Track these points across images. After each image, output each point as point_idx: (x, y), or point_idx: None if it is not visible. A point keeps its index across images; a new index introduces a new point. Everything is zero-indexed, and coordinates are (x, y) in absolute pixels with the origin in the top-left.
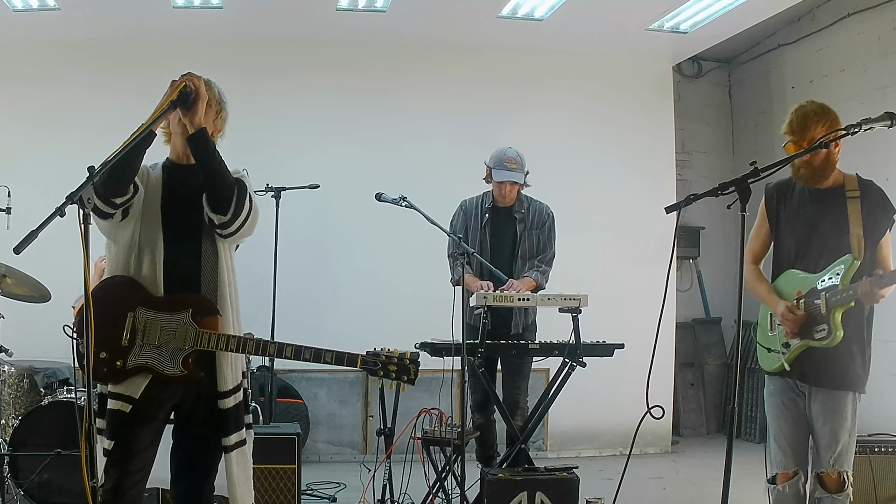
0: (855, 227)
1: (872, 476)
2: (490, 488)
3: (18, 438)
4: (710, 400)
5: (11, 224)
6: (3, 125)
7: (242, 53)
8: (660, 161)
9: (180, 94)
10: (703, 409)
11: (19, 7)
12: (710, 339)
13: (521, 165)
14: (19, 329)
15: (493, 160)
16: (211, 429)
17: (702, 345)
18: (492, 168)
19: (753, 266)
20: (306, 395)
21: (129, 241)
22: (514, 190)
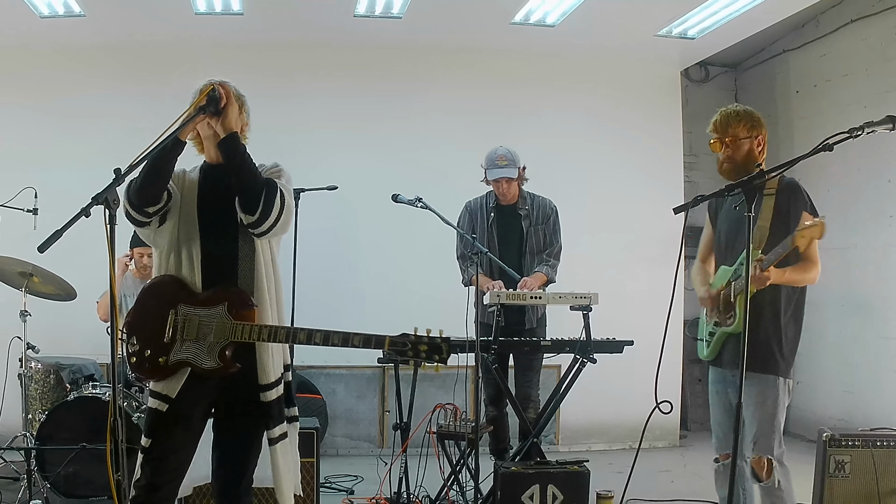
0: (763, 220)
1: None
2: (503, 481)
3: (45, 433)
4: None
5: (38, 224)
6: (31, 128)
7: (263, 58)
8: (668, 163)
9: (208, 99)
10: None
11: (46, 13)
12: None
13: (514, 161)
14: (46, 326)
15: (485, 161)
16: (253, 422)
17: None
18: (486, 169)
19: (700, 264)
20: (325, 390)
21: (168, 242)
22: (513, 186)
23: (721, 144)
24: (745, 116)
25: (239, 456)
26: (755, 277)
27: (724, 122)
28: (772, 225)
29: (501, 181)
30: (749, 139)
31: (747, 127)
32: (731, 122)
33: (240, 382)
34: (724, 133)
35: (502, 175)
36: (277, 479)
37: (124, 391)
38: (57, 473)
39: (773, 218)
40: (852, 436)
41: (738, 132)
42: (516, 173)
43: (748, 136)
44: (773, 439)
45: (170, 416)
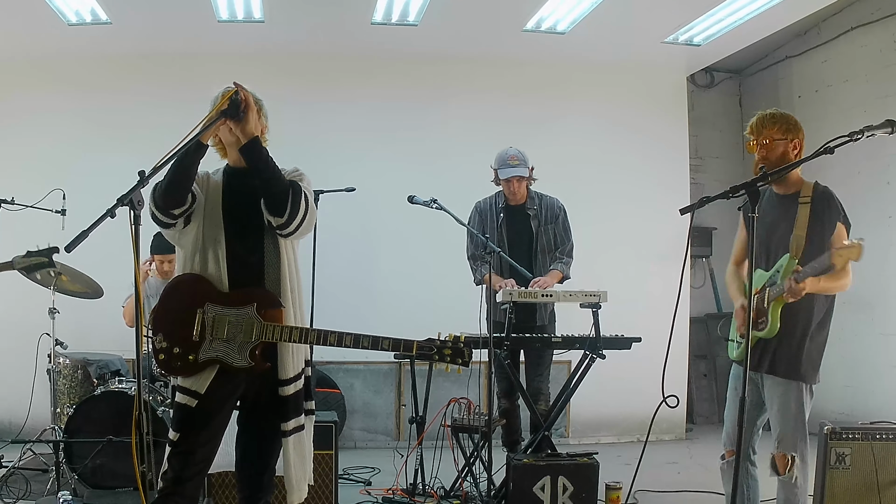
0: (799, 228)
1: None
2: (515, 473)
3: (73, 426)
4: (722, 390)
5: (66, 225)
6: (59, 132)
7: (283, 64)
8: (675, 165)
9: (230, 103)
10: (715, 398)
11: (73, 21)
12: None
13: (524, 161)
14: (74, 323)
15: (496, 162)
16: (272, 415)
17: (714, 338)
18: (497, 169)
19: (733, 266)
20: (343, 385)
21: (193, 242)
22: (523, 186)
23: (756, 146)
24: (780, 119)
25: (261, 448)
26: (792, 289)
27: (760, 124)
28: (808, 233)
29: (512, 180)
30: (784, 141)
31: (782, 129)
32: (766, 124)
33: (262, 378)
34: (759, 135)
35: (514, 174)
36: (287, 471)
37: (149, 386)
38: (84, 465)
39: (808, 226)
40: (852, 429)
41: (772, 134)
42: (527, 172)
43: (783, 138)
44: (797, 438)
45: (198, 412)
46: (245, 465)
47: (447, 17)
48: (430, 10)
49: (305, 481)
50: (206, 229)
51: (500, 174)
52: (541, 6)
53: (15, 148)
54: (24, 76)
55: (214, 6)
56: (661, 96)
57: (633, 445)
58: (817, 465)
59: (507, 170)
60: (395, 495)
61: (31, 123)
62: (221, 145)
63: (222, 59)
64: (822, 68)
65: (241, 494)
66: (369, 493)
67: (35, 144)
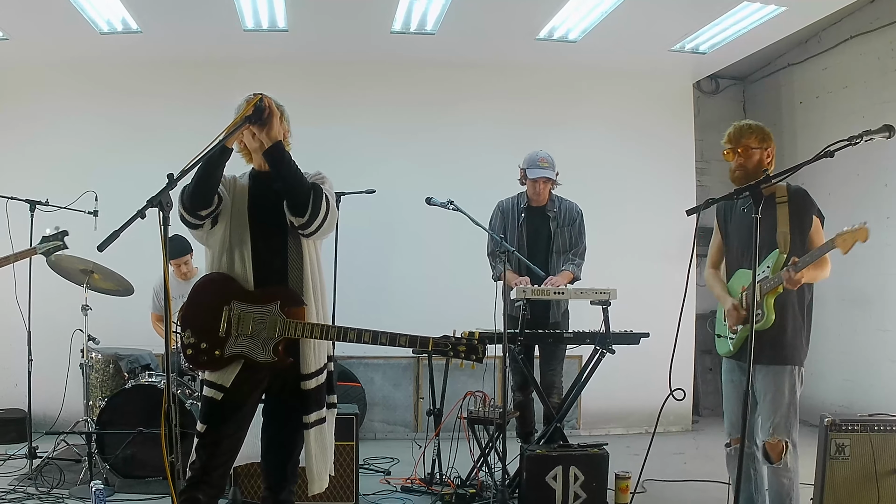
0: (782, 226)
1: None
2: (529, 463)
3: (104, 418)
4: None
5: (98, 225)
6: (92, 135)
7: (306, 71)
8: (681, 168)
9: (255, 109)
10: (720, 391)
11: (105, 30)
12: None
13: (552, 165)
14: (105, 319)
15: (526, 162)
16: (295, 408)
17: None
18: (525, 169)
19: (712, 270)
20: (363, 379)
21: (220, 243)
22: (547, 188)
23: (734, 154)
24: (757, 129)
25: (285, 440)
26: (790, 279)
27: (738, 133)
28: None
29: (539, 181)
30: (759, 150)
31: (758, 139)
32: (744, 133)
33: (285, 372)
34: (737, 144)
35: (542, 175)
36: (308, 462)
37: (178, 380)
38: (115, 456)
39: (790, 223)
40: (852, 421)
41: (749, 143)
42: (553, 175)
43: (759, 147)
44: (791, 424)
45: (224, 404)
46: (269, 455)
47: (464, 26)
48: (448, 19)
49: (326, 472)
50: (232, 230)
51: (528, 174)
52: (553, 16)
53: (50, 151)
54: (59, 82)
55: (240, 16)
56: (669, 102)
57: (641, 437)
58: (817, 456)
59: (536, 170)
60: (414, 484)
61: (64, 127)
62: (247, 150)
63: (247, 65)
64: (823, 75)
65: (265, 483)
66: (389, 483)
67: (69, 147)
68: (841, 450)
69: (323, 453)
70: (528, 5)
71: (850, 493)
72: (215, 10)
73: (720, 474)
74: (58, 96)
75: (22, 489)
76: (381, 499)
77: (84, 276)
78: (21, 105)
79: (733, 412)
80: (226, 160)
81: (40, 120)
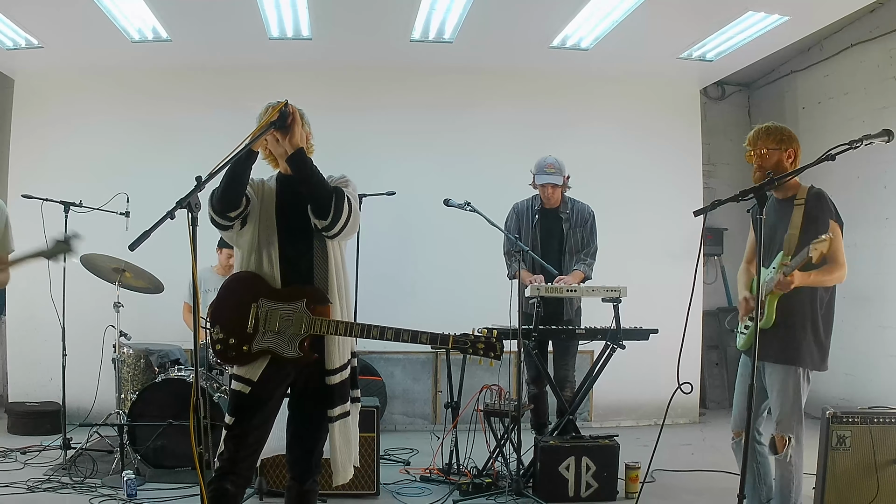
0: (793, 228)
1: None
2: (542, 453)
3: (136, 410)
4: (732, 377)
5: (130, 226)
6: (123, 140)
7: (328, 78)
8: (688, 171)
9: (280, 115)
10: (726, 385)
11: (136, 38)
12: (730, 325)
13: (560, 170)
14: (137, 316)
15: (535, 168)
16: (320, 402)
17: (725, 330)
18: (535, 174)
19: (745, 265)
20: (384, 373)
21: (249, 243)
22: (557, 191)
23: (754, 156)
24: (774, 131)
25: (309, 432)
26: (780, 282)
27: (755, 137)
28: (801, 232)
29: (547, 186)
30: (777, 150)
31: (776, 140)
32: (761, 136)
33: (310, 368)
34: (755, 146)
35: (548, 181)
36: (333, 454)
37: (206, 374)
38: (146, 446)
39: (802, 226)
40: (852, 413)
41: (767, 145)
42: (561, 181)
43: (776, 148)
44: (793, 420)
45: (251, 398)
46: (294, 447)
47: (480, 34)
48: (465, 28)
49: (350, 463)
50: (260, 231)
51: (536, 179)
52: (566, 24)
53: (83, 154)
54: (92, 88)
55: (266, 24)
56: (677, 107)
57: (650, 428)
58: (819, 447)
59: (542, 176)
60: (432, 474)
61: (97, 131)
62: (272, 156)
63: (273, 73)
64: (825, 82)
65: (290, 474)
66: (408, 472)
67: (101, 151)
68: (842, 441)
69: (347, 446)
70: (543, 15)
71: (850, 483)
72: (242, 20)
73: (726, 464)
74: (91, 102)
75: (57, 479)
76: (401, 488)
77: (116, 275)
78: (55, 110)
79: (739, 405)
80: (252, 164)
81: (74, 124)
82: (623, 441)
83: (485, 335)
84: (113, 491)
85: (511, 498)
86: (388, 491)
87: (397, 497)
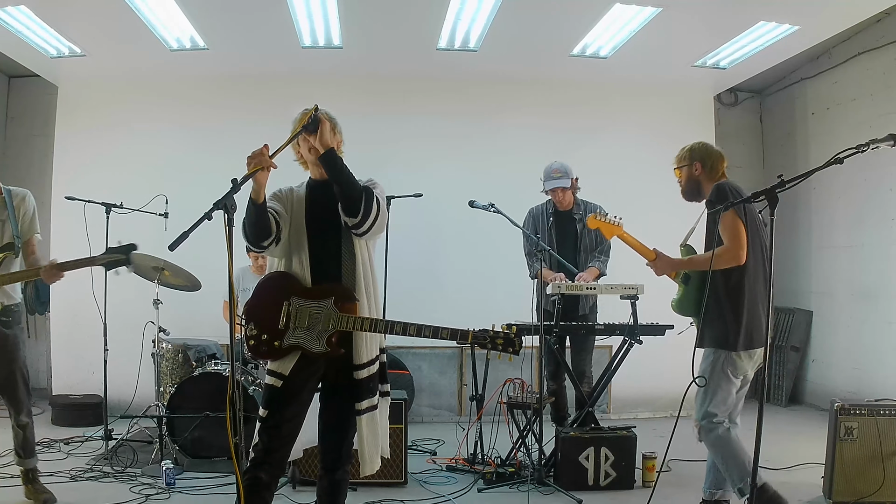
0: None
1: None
2: (563, 444)
3: (174, 403)
4: None
5: (168, 226)
6: (162, 145)
7: (358, 85)
8: None
9: (311, 119)
10: None
11: (175, 47)
12: None
13: (566, 174)
14: (175, 313)
15: (543, 175)
16: (348, 396)
17: None
18: (543, 181)
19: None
20: (412, 367)
21: (281, 247)
22: (567, 195)
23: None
24: (678, 157)
25: (338, 424)
26: None
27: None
28: None
29: (557, 190)
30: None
31: (677, 160)
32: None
33: (339, 362)
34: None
35: (556, 185)
36: (361, 446)
37: (241, 368)
38: (184, 438)
39: None
40: (859, 405)
41: (674, 165)
42: (569, 183)
43: (680, 166)
44: (700, 405)
45: (284, 391)
46: (325, 438)
47: (503, 43)
48: (489, 38)
49: (378, 455)
50: (292, 236)
51: (545, 185)
52: (586, 34)
53: (124, 158)
54: (132, 95)
55: (299, 34)
56: (691, 113)
57: (666, 420)
58: (828, 438)
59: (550, 182)
60: (458, 464)
61: (137, 136)
62: (304, 160)
63: (304, 80)
64: (833, 89)
65: (322, 464)
66: (435, 462)
67: (141, 155)
68: (850, 432)
69: (374, 438)
70: (563, 24)
71: (858, 472)
72: (276, 29)
73: None
74: (131, 108)
75: (98, 468)
76: (428, 477)
77: (156, 273)
78: (97, 116)
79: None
80: (263, 209)
81: (115, 130)
82: (640, 432)
83: (503, 331)
84: (152, 480)
85: (533, 486)
86: (416, 480)
87: (424, 485)
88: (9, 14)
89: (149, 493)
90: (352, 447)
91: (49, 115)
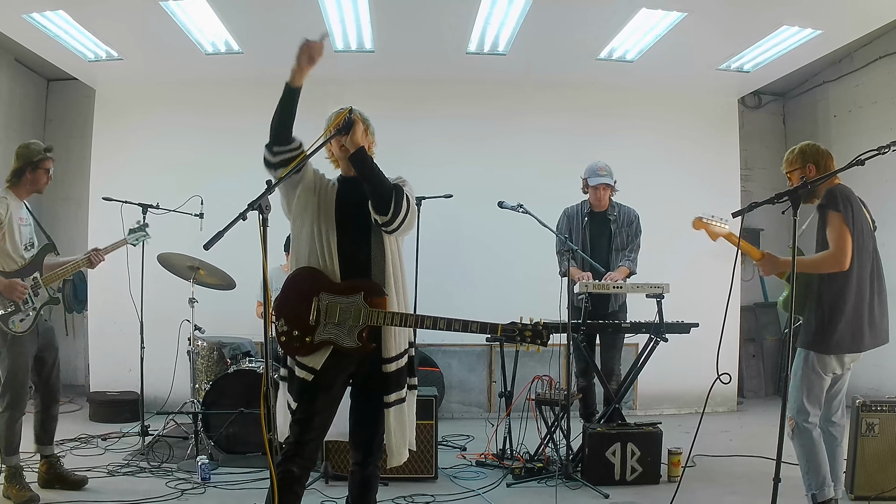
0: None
1: None
2: (590, 440)
3: (209, 399)
4: (768, 368)
5: (204, 226)
6: (197, 146)
7: (389, 88)
8: (727, 175)
9: (344, 122)
10: (762, 375)
11: (210, 51)
12: (767, 319)
13: (610, 173)
14: (210, 311)
15: (587, 172)
16: (377, 389)
17: (761, 324)
18: (587, 178)
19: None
20: (442, 364)
21: (309, 237)
22: (607, 194)
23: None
24: (788, 156)
25: (369, 418)
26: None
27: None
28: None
29: (599, 187)
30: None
31: (788, 163)
32: (783, 164)
33: (368, 357)
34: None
35: (602, 181)
36: (388, 439)
37: (275, 365)
38: (219, 433)
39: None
40: (881, 402)
41: (786, 169)
42: (612, 181)
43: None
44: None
45: (314, 385)
46: (356, 432)
47: (532, 47)
48: (518, 41)
49: (405, 447)
50: (321, 228)
51: (589, 181)
52: (613, 38)
53: (159, 159)
54: (168, 97)
55: (332, 38)
56: (716, 116)
57: (691, 416)
58: (849, 434)
59: (596, 178)
60: (487, 459)
61: (173, 138)
62: (335, 158)
63: (337, 83)
64: (855, 92)
65: (353, 458)
66: (464, 457)
67: (177, 157)
68: (871, 428)
69: (401, 430)
70: (591, 29)
71: (879, 467)
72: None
73: (763, 450)
74: (167, 110)
75: (135, 463)
76: (458, 472)
77: (191, 272)
78: (134, 118)
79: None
80: (296, 98)
81: (151, 132)
82: (666, 428)
83: (532, 323)
84: (188, 475)
85: (561, 481)
86: (446, 475)
87: (454, 480)
88: (47, 18)
89: (184, 487)
90: (382, 442)
91: (86, 118)
